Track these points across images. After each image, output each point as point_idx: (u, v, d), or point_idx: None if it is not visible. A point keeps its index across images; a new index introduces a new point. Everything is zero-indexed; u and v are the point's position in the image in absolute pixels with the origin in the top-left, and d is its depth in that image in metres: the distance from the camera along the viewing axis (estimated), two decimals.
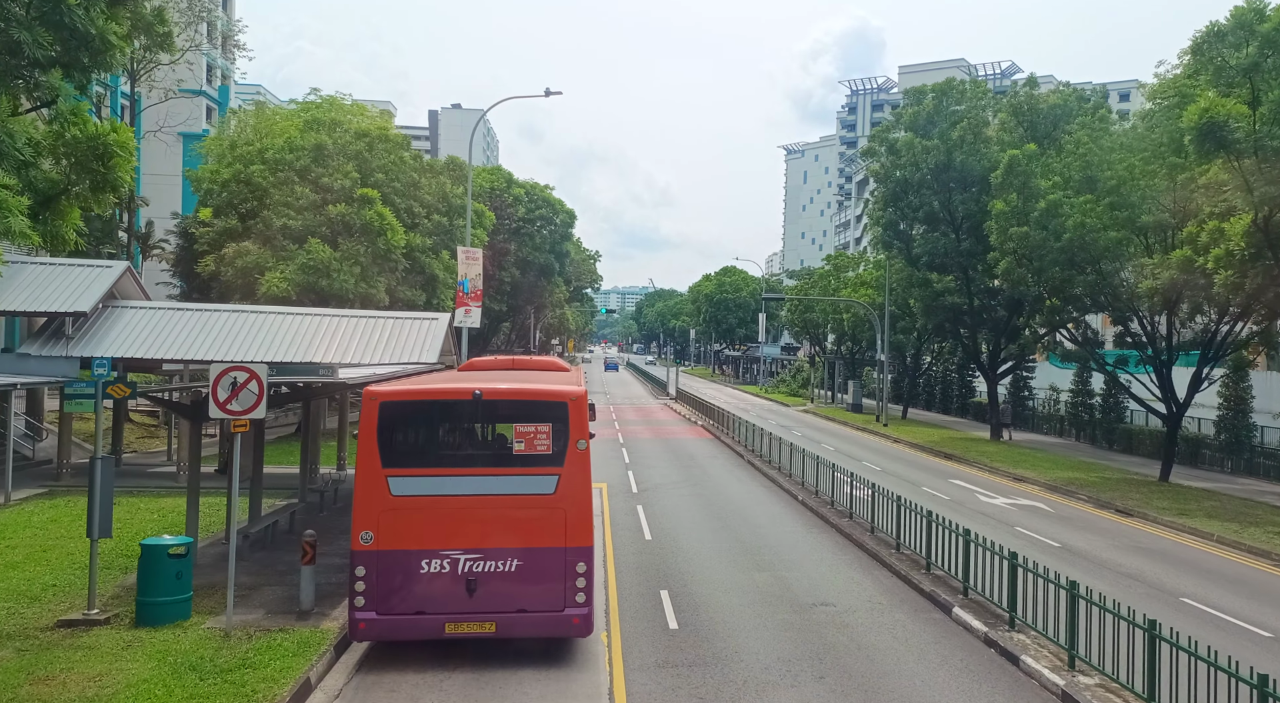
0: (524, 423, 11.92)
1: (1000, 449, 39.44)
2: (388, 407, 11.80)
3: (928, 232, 43.18)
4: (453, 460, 12.06)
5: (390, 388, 12.18)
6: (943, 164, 39.72)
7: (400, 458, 11.77)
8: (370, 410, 11.70)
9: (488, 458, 12.21)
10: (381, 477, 11.58)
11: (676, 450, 37.29)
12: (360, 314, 27.28)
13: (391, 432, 11.83)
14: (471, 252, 31.69)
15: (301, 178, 34.33)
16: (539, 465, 11.83)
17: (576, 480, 11.87)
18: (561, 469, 11.82)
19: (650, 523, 21.54)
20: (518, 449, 11.88)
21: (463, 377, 14.95)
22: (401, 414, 12.01)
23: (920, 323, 46.74)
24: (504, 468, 11.89)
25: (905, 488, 27.67)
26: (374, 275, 33.15)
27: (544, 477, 11.85)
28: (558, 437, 11.91)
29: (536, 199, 63.50)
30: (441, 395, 12.38)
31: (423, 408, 12.21)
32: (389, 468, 11.60)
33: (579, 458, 11.90)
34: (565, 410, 11.98)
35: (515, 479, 11.82)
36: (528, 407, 12.16)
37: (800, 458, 26.74)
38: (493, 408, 12.19)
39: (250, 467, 18.89)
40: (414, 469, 11.77)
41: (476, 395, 11.86)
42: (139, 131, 65.97)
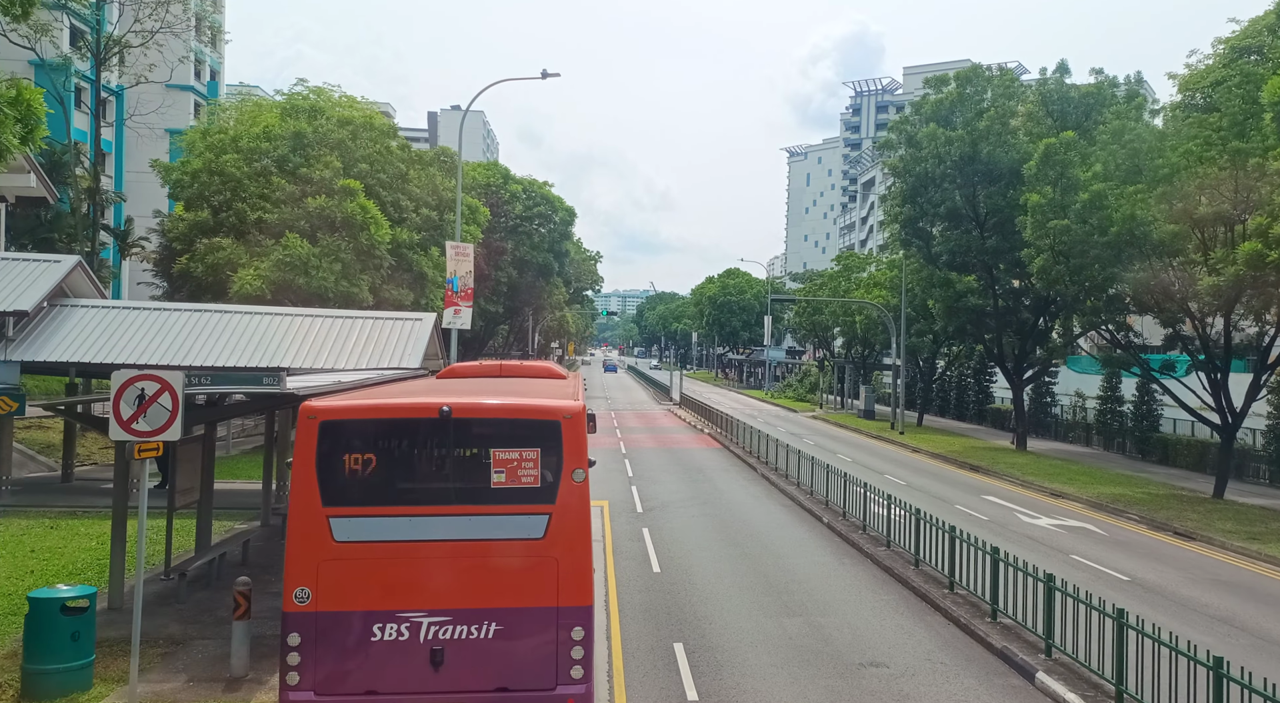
0: (506, 448, 9.23)
1: (1029, 460, 36.84)
2: (330, 428, 9.12)
3: (949, 228, 40.58)
4: (414, 497, 9.38)
5: (333, 403, 9.50)
6: (968, 156, 37.12)
7: (346, 494, 9.07)
8: (307, 432, 9.03)
9: (459, 493, 9.39)
10: (322, 518, 8.90)
11: (683, 462, 34.69)
12: (336, 314, 24.69)
13: (335, 459, 9.04)
14: (461, 247, 29.12)
15: (279, 169, 31.82)
16: (524, 503, 9.11)
17: (572, 521, 9.20)
18: (553, 507, 9.10)
19: (658, 551, 18.94)
20: (497, 482, 9.14)
21: (435, 387, 12.31)
22: (348, 436, 9.20)
23: (939, 326, 44.13)
24: (480, 506, 9.18)
25: (937, 506, 25.09)
26: (357, 273, 30.60)
27: (531, 517, 9.15)
28: (548, 465, 9.23)
29: (535, 196, 60.80)
30: (400, 413, 9.62)
31: (375, 429, 9.41)
32: (331, 507, 8.89)
33: (575, 493, 9.21)
34: (558, 432, 9.23)
35: (494, 521, 9.12)
36: (510, 427, 9.45)
37: (824, 474, 24.13)
38: (466, 429, 9.34)
39: (195, 485, 16.32)
40: (364, 508, 9.04)
41: (444, 413, 9.14)
42: (120, 126, 63.58)
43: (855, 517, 21.12)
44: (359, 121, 34.14)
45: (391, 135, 35.88)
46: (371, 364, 22.90)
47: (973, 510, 25.30)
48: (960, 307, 40.23)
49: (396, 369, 21.96)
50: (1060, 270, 29.00)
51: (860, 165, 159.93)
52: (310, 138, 32.34)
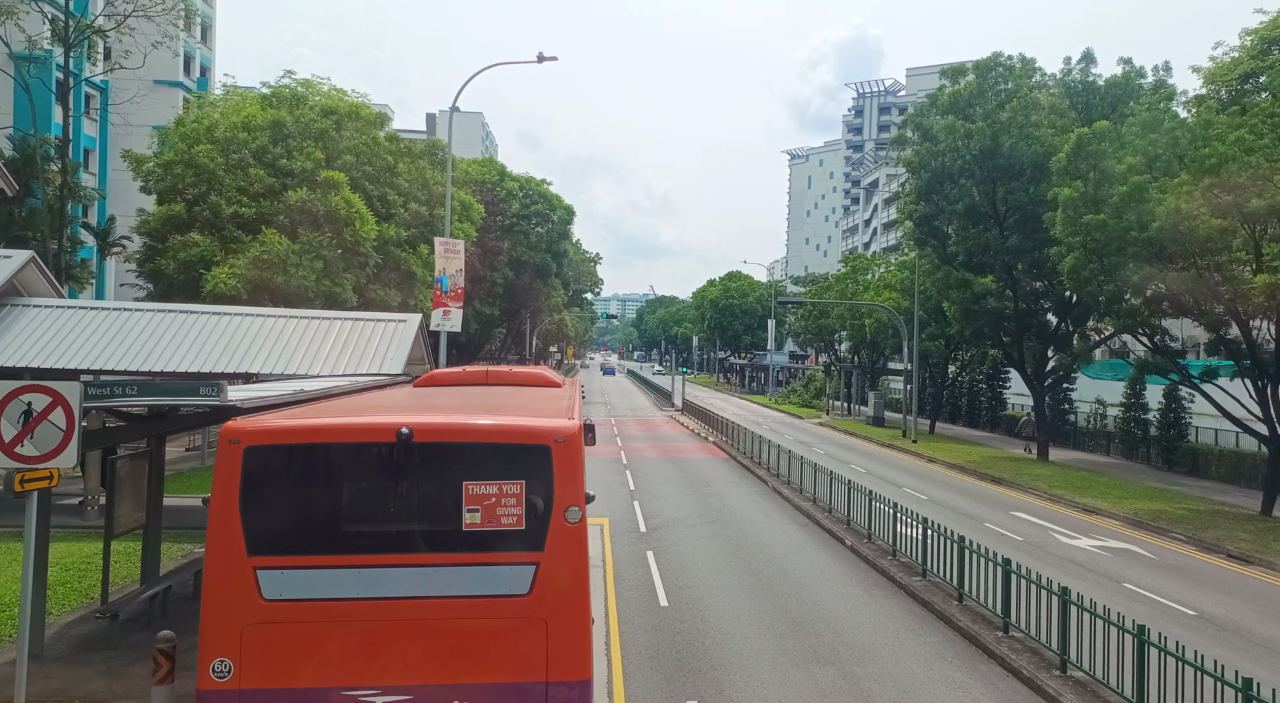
0: (481, 480, 7.32)
1: (1053, 472, 34.83)
2: (258, 455, 7.25)
3: (966, 226, 38.60)
4: (365, 543, 7.52)
5: (264, 423, 7.60)
6: (988, 150, 35.17)
7: (278, 539, 7.28)
8: (229, 459, 7.17)
9: (422, 538, 7.56)
10: (247, 570, 7.08)
11: (688, 473, 32.68)
12: (312, 315, 22.76)
13: (264, 495, 7.27)
14: (451, 243, 27.15)
15: (257, 160, 29.87)
16: (505, 550, 7.34)
17: (565, 573, 7.34)
18: (541, 556, 7.32)
19: (665, 579, 16.93)
20: (470, 523, 7.27)
21: (402, 401, 10.32)
22: (280, 465, 7.45)
23: (954, 329, 42.12)
24: (448, 554, 7.35)
25: (966, 525, 23.10)
26: (340, 271, 28.64)
27: (513, 568, 7.32)
28: (535, 502, 7.37)
29: (532, 194, 58.70)
30: (346, 435, 7.69)
31: (315, 455, 7.60)
32: (259, 556, 7.12)
33: (569, 537, 7.35)
34: (547, 459, 7.40)
35: (467, 573, 7.30)
36: (487, 453, 7.56)
37: (845, 490, 22.10)
38: (431, 456, 7.52)
39: (139, 507, 14.35)
40: (300, 557, 7.26)
41: (403, 435, 7.27)
42: (104, 121, 61.58)
43: (882, 539, 19.11)
44: (344, 111, 32.17)
45: (379, 125, 33.90)
46: (349, 370, 20.98)
47: (1005, 529, 23.29)
48: (978, 309, 38.23)
49: (376, 376, 20.03)
50: (1094, 269, 27.02)
51: (863, 167, 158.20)
52: (291, 127, 30.37)
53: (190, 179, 29.38)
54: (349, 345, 21.60)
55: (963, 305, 38.50)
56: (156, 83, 64.52)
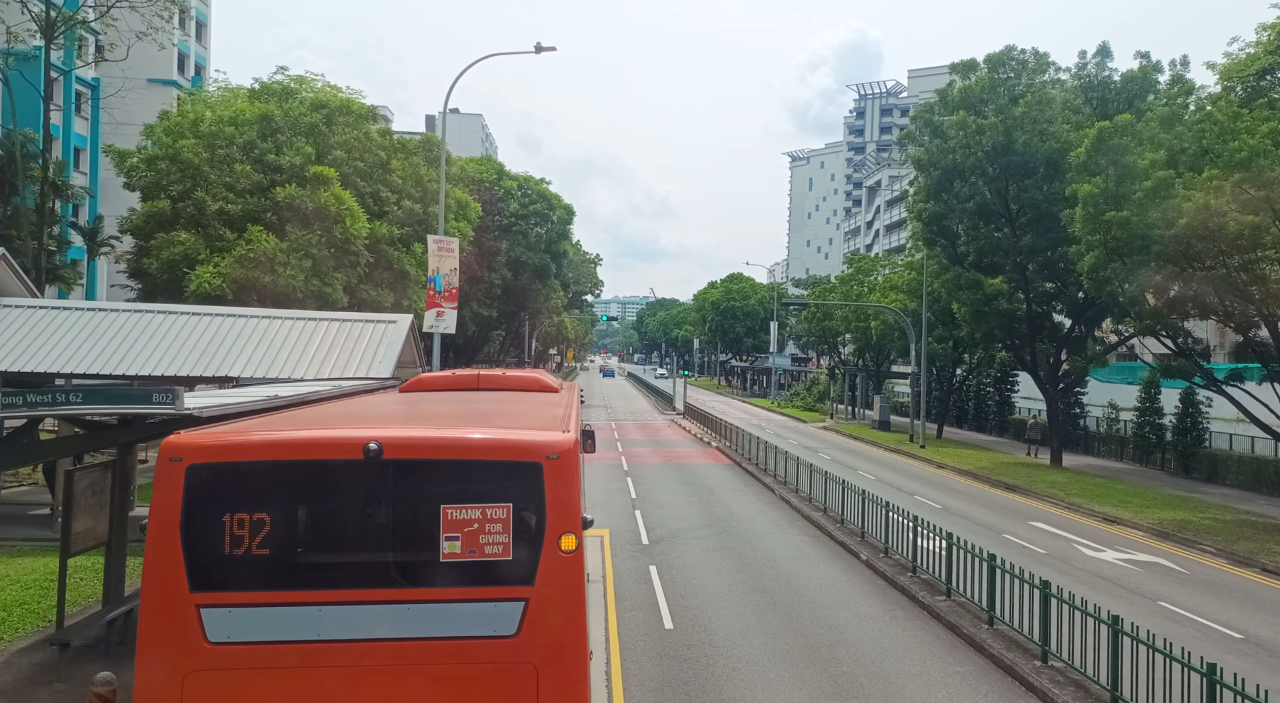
0: (462, 503, 6.36)
1: (1068, 479, 33.70)
2: (203, 474, 6.32)
3: (976, 225, 37.48)
4: (326, 576, 6.55)
5: (209, 438, 6.63)
6: (1001, 146, 34.06)
7: (226, 572, 6.34)
8: (169, 479, 6.25)
9: (394, 571, 6.53)
10: (189, 608, 6.15)
11: (691, 480, 31.54)
12: (298, 316, 21.67)
13: (209, 521, 6.30)
14: (445, 241, 26.05)
15: (245, 155, 28.78)
16: (490, 583, 6.39)
17: (559, 611, 6.40)
18: (531, 591, 6.38)
19: (670, 598, 15.81)
20: (450, 554, 6.34)
21: (380, 410, 9.36)
22: (229, 486, 6.46)
23: (964, 331, 40.99)
24: (424, 589, 6.41)
25: (984, 536, 21.99)
26: (330, 271, 27.53)
27: (498, 605, 6.38)
28: (525, 528, 6.42)
29: (530, 193, 57.52)
30: (305, 451, 6.66)
31: (269, 475, 6.58)
32: (204, 591, 6.21)
33: (564, 568, 6.41)
34: (538, 478, 6.46)
35: (445, 611, 6.36)
36: (468, 472, 6.60)
37: (858, 500, 20.96)
38: (404, 475, 6.54)
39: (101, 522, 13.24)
40: (251, 594, 6.32)
41: (371, 452, 6.35)
42: (96, 122, 60.54)
43: (901, 554, 17.97)
44: (335, 105, 31.05)
45: (371, 119, 32.79)
46: (336, 373, 19.88)
47: (1025, 541, 22.16)
48: (989, 311, 37.09)
49: (364, 380, 18.92)
50: (1115, 269, 25.91)
51: (865, 169, 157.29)
52: (280, 122, 29.29)
53: (175, 175, 28.29)
54: (336, 347, 20.50)
55: (973, 307, 37.36)
56: (150, 82, 63.49)
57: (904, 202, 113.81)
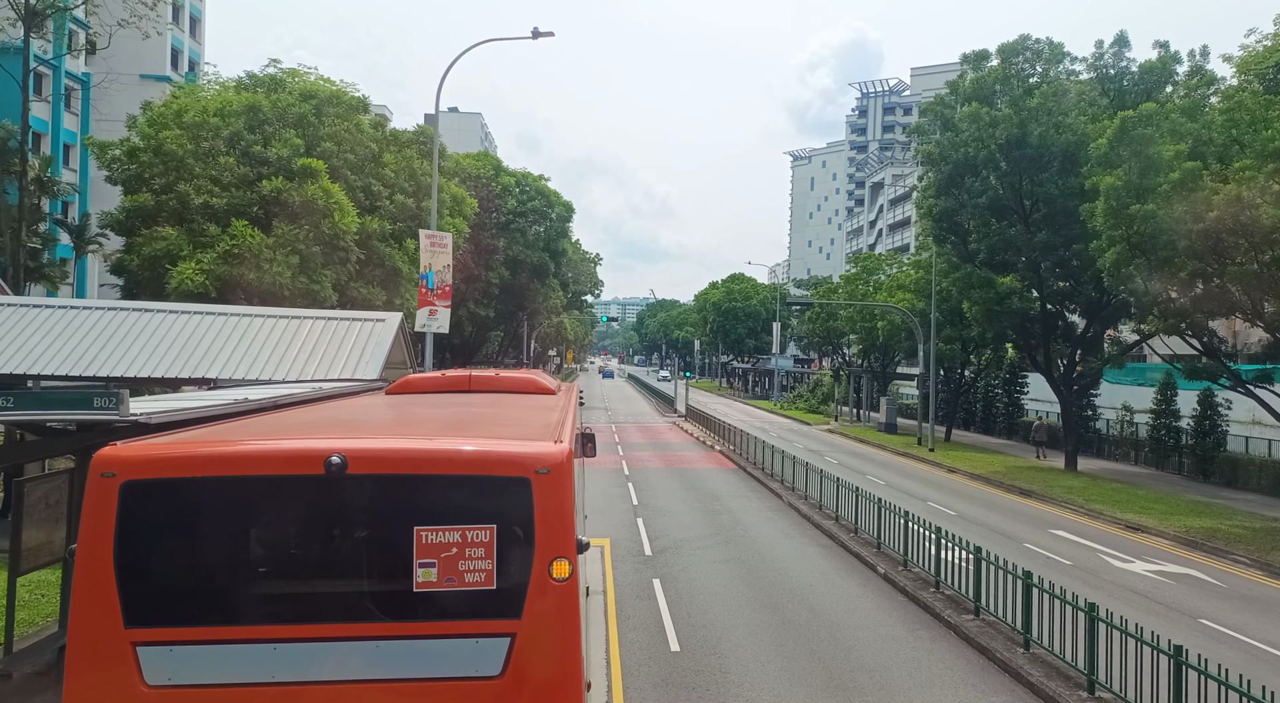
0: (439, 524, 5.52)
1: (1085, 484, 32.54)
2: (140, 492, 5.49)
3: (988, 222, 36.29)
4: (283, 610, 5.67)
5: (148, 450, 5.74)
6: (1015, 139, 32.90)
7: (166, 605, 5.57)
8: (101, 498, 5.46)
9: (360, 603, 5.66)
10: (124, 646, 5.38)
11: (695, 486, 30.40)
12: (280, 314, 20.55)
13: (147, 545, 5.54)
14: (438, 236, 24.93)
15: (230, 148, 27.66)
16: (471, 616, 5.57)
17: (550, 647, 5.58)
18: (517, 625, 5.55)
19: (675, 616, 14.67)
20: (424, 582, 5.51)
21: (351, 416, 8.32)
22: (169, 506, 5.62)
23: (975, 331, 39.85)
24: (395, 624, 5.57)
25: (1003, 545, 20.85)
26: (318, 267, 26.42)
27: (480, 641, 5.55)
28: (510, 553, 5.59)
29: (529, 189, 56.29)
30: (258, 465, 5.76)
31: (216, 493, 5.69)
32: (141, 627, 5.42)
33: (555, 600, 5.59)
34: (526, 496, 5.61)
35: (419, 649, 5.53)
36: (446, 489, 5.77)
37: (872, 508, 19.78)
38: (372, 492, 5.73)
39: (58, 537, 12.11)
40: (195, 630, 5.50)
41: (333, 466, 5.51)
42: (86, 117, 59.41)
43: (921, 566, 16.82)
44: (324, 95, 29.89)
45: (362, 110, 31.62)
46: (320, 374, 18.74)
47: (1047, 551, 21.02)
48: (1002, 310, 35.97)
49: (349, 381, 17.80)
50: (1139, 265, 24.77)
51: (867, 168, 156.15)
52: (267, 112, 28.15)
53: (158, 168, 27.16)
54: (321, 347, 19.36)
55: (985, 306, 36.23)
56: (143, 77, 62.46)
57: (911, 198, 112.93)
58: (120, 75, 55.56)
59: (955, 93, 37.44)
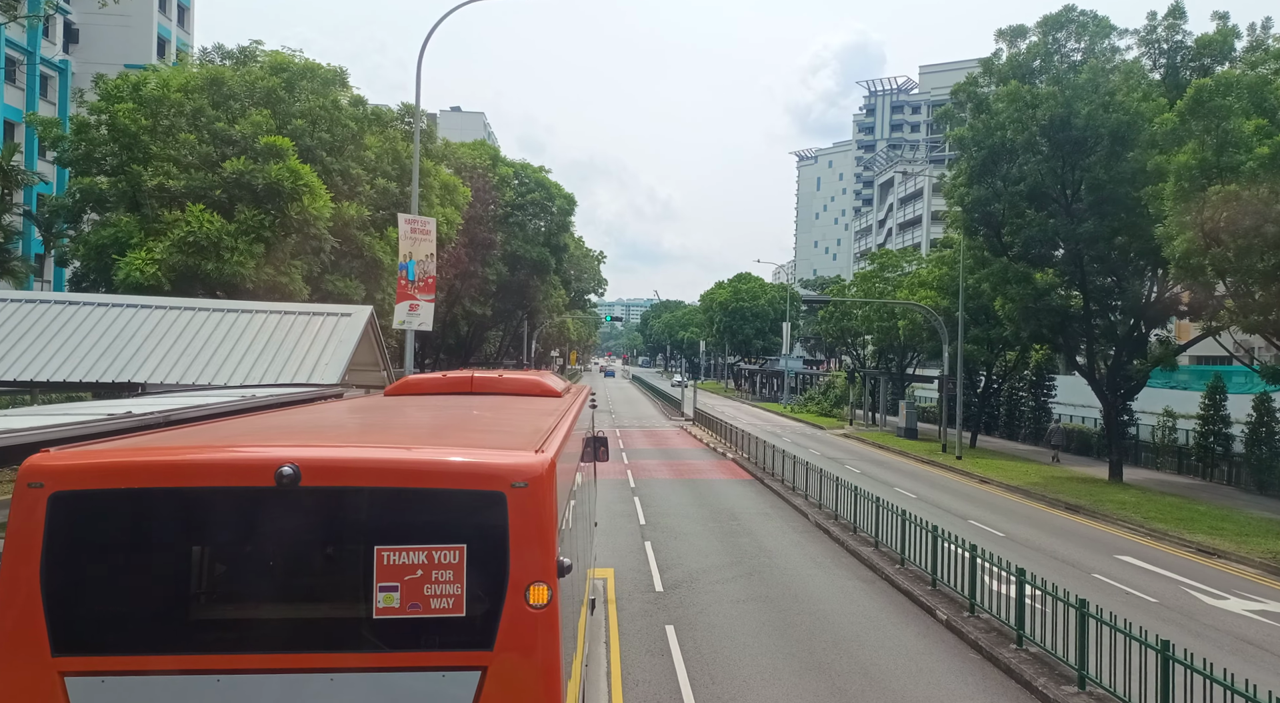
0: (402, 544, 4.90)
1: (1137, 498, 29.56)
2: (70, 505, 4.87)
3: (1022, 213, 33.31)
4: (227, 637, 5.04)
5: (79, 459, 5.04)
6: (1060, 119, 29.92)
7: (98, 630, 4.89)
8: (28, 511, 4.81)
9: (314, 630, 5.06)
10: (50, 676, 4.74)
11: (708, 501, 27.46)
12: (228, 307, 17.70)
13: (78, 564, 4.91)
14: (420, 222, 22.05)
15: (192, 125, 24.81)
16: (437, 646, 4.92)
17: (525, 681, 4.92)
18: (489, 656, 4.91)
19: (696, 682, 11.74)
20: (386, 608, 4.89)
21: (314, 420, 7.44)
22: (102, 521, 5.00)
23: (1009, 331, 36.84)
24: (353, 654, 4.92)
25: (1065, 574, 17.95)
26: (286, 257, 23.53)
27: (448, 674, 4.91)
28: (481, 575, 4.93)
29: (528, 181, 53.32)
30: (202, 476, 5.09)
31: (154, 507, 5.04)
32: (70, 654, 4.78)
33: (532, 628, 4.93)
34: (501, 512, 4.96)
35: (380, 682, 4.87)
36: (410, 504, 5.11)
37: (927, 538, 16.78)
38: (325, 508, 5.08)
39: None
40: (130, 659, 4.84)
41: (285, 477, 4.85)
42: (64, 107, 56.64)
43: (990, 610, 13.86)
44: (296, 68, 26.97)
45: (339, 84, 28.68)
46: (270, 377, 15.85)
47: (1123, 583, 18.06)
48: (1040, 307, 32.99)
49: (303, 387, 14.94)
50: (1216, 255, 21.79)
51: (875, 167, 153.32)
52: (233, 86, 25.29)
53: (110, 147, 24.30)
54: (273, 346, 16.48)
55: (1021, 303, 33.24)
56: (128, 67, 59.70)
57: (922, 197, 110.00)
58: (104, 64, 52.95)
59: (988, 72, 34.53)
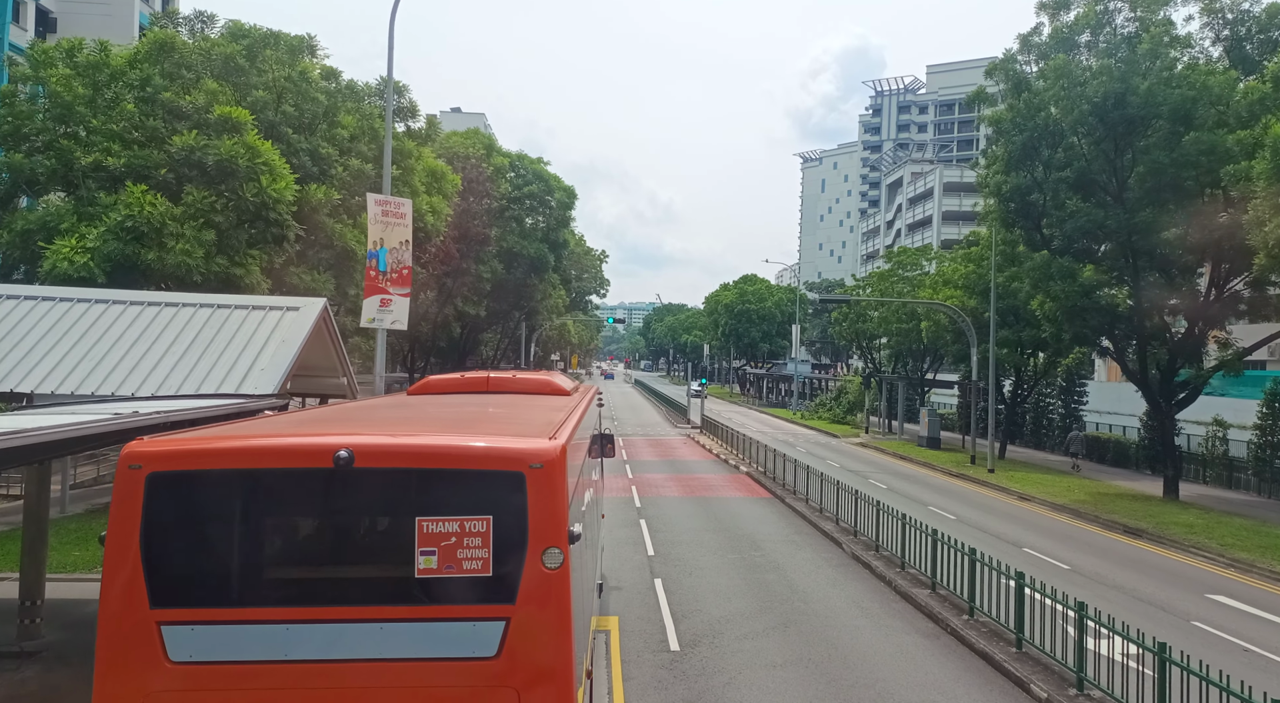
0: (439, 515, 5.65)
1: (1206, 520, 26.44)
2: (164, 484, 5.61)
3: (1062, 204, 30.20)
4: (294, 593, 5.82)
5: (172, 444, 5.81)
6: (1115, 96, 26.79)
7: (188, 588, 5.69)
8: (128, 489, 5.58)
9: (366, 588, 5.85)
10: (149, 625, 5.53)
11: (725, 525, 24.31)
12: (146, 300, 14.60)
13: (171, 533, 5.67)
14: (394, 203, 19.00)
15: (138, 97, 21.77)
16: (468, 601, 5.69)
17: (542, 629, 5.71)
18: (512, 610, 5.68)
19: None
20: (425, 569, 5.63)
21: (360, 414, 7.71)
22: (191, 497, 5.75)
23: (1049, 331, 33.70)
24: (398, 607, 5.69)
25: (1154, 619, 14.86)
26: (242, 246, 20.44)
27: (477, 624, 5.68)
28: (505, 542, 5.66)
29: (525, 173, 50.10)
30: (274, 458, 5.84)
31: (234, 485, 5.81)
32: (165, 608, 5.56)
33: (547, 586, 5.71)
34: (520, 489, 5.72)
35: (421, 630, 5.66)
36: (445, 482, 5.85)
37: (1002, 584, 13.65)
38: (375, 485, 5.83)
39: None
40: (214, 611, 5.64)
41: (341, 460, 5.61)
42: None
43: (1104, 688, 10.73)
44: (258, 35, 23.86)
45: (307, 53, 25.47)
46: (192, 386, 12.78)
47: (1231, 633, 14.93)
48: (1087, 306, 29.86)
49: (229, 399, 11.86)
50: None
51: (883, 167, 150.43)
52: (185, 53, 22.24)
53: (41, 119, 21.26)
54: (198, 348, 13.39)
55: (1067, 301, 30.10)
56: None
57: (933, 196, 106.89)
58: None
59: (1026, 48, 31.44)
